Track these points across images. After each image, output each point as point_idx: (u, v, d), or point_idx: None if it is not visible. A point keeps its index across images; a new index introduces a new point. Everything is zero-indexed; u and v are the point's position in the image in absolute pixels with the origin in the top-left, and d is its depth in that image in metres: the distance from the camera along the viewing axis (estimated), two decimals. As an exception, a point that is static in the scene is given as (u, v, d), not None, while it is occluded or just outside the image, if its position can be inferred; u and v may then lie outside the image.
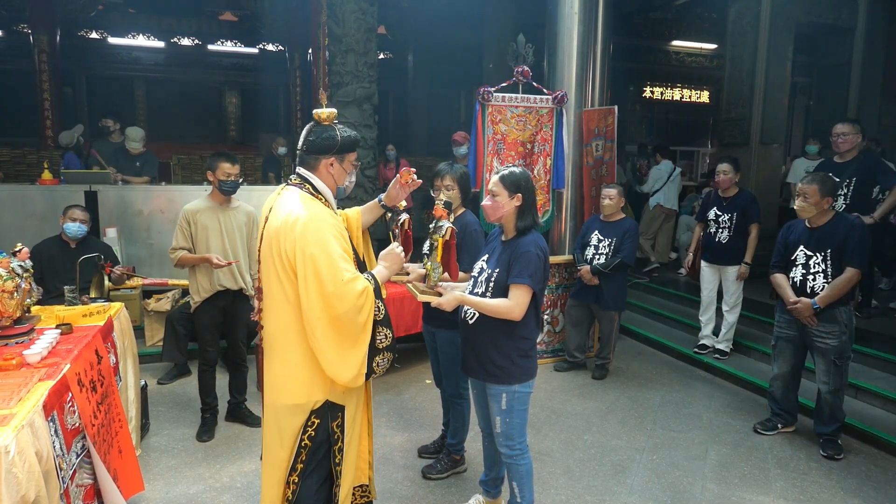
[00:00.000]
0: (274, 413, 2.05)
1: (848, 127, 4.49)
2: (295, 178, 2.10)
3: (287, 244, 1.91)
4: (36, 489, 1.71)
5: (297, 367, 2.00)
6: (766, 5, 6.76)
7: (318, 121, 2.08)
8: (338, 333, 1.93)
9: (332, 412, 2.06)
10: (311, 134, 2.07)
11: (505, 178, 2.41)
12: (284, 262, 1.93)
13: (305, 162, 2.09)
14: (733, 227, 4.59)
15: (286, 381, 2.02)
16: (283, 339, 2.01)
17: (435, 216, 2.59)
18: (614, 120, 4.92)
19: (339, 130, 2.08)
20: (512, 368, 2.41)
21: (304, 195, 2.02)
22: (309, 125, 2.10)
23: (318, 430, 2.04)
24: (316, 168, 2.08)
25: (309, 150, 2.07)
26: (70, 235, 4.04)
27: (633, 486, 3.13)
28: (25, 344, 2.39)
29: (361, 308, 1.93)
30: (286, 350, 2.01)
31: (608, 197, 4.50)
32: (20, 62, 10.79)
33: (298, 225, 1.90)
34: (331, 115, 2.08)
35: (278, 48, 13.38)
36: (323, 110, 2.07)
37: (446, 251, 2.55)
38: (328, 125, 2.08)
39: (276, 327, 2.01)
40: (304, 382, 2.00)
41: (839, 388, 3.42)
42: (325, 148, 2.06)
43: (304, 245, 1.88)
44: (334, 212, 2.11)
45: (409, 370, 4.72)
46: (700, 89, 14.28)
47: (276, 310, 2.00)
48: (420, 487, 3.07)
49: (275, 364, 2.04)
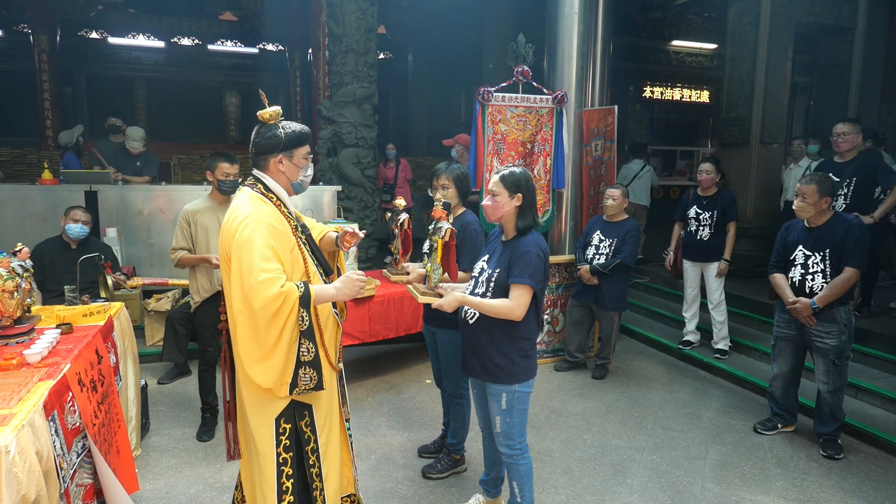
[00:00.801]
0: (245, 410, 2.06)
1: (848, 126, 4.49)
2: (250, 179, 2.13)
3: (227, 243, 1.98)
4: (36, 489, 1.71)
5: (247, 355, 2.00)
6: (766, 5, 6.76)
7: (263, 121, 2.09)
8: (254, 332, 1.92)
9: (299, 411, 2.06)
10: (257, 135, 2.09)
11: (505, 178, 2.41)
12: (226, 260, 2.00)
13: (256, 163, 2.12)
14: (714, 225, 4.69)
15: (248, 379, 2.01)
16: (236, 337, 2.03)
17: (434, 217, 2.59)
18: (614, 120, 4.92)
19: (284, 128, 2.09)
20: (512, 368, 2.41)
21: (252, 195, 2.06)
22: (256, 126, 2.11)
23: (290, 436, 2.05)
24: (266, 167, 2.10)
25: (257, 151, 2.10)
26: (72, 236, 4.04)
27: (633, 485, 3.13)
28: (26, 344, 2.39)
29: (277, 311, 1.89)
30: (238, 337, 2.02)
31: (611, 197, 4.51)
32: (20, 62, 10.80)
33: (235, 224, 1.96)
34: (274, 113, 2.09)
35: (278, 48, 13.39)
36: (266, 110, 2.08)
37: (446, 252, 2.55)
38: (273, 124, 2.10)
39: (233, 327, 2.02)
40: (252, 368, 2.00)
41: (839, 388, 3.43)
42: (271, 147, 2.08)
43: (237, 243, 1.93)
44: (288, 210, 2.12)
45: (409, 370, 4.72)
46: (700, 89, 14.28)
47: (233, 308, 2.00)
48: (420, 487, 3.07)
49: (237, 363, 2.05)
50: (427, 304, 2.70)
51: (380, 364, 4.84)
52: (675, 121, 14.44)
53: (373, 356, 5.01)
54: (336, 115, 7.24)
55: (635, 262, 4.59)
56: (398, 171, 8.40)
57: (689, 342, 5.12)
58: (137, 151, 6.10)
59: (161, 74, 13.23)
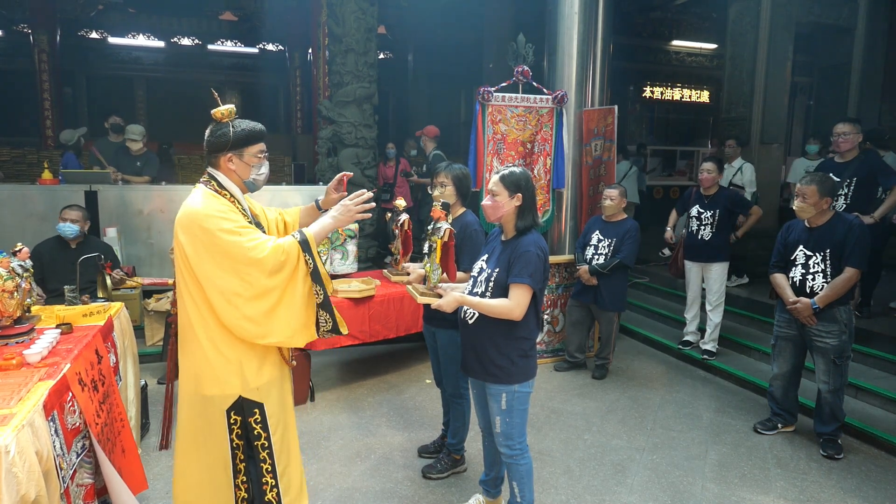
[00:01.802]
0: (198, 403, 2.09)
1: (849, 126, 4.49)
2: (204, 176, 2.14)
3: (183, 237, 2.00)
4: (36, 489, 1.71)
5: (205, 359, 2.06)
6: (766, 5, 6.76)
7: (216, 119, 2.11)
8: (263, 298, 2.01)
9: (248, 408, 2.10)
10: (210, 133, 2.11)
11: (505, 178, 2.41)
12: (181, 255, 2.02)
13: (209, 160, 2.14)
14: (716, 224, 4.66)
15: (200, 371, 2.07)
16: (190, 332, 2.08)
17: (433, 217, 2.59)
18: (614, 120, 4.92)
19: (234, 126, 2.10)
20: (512, 368, 2.41)
21: (206, 191, 2.08)
22: (211, 125, 2.13)
23: (242, 427, 2.11)
24: (217, 165, 2.13)
25: (208, 149, 2.12)
26: (63, 235, 4.05)
27: (633, 485, 3.13)
28: (25, 344, 2.39)
29: (285, 267, 2.02)
30: (195, 343, 2.07)
31: (609, 197, 4.50)
32: (20, 62, 10.80)
33: (190, 215, 2.00)
34: (227, 112, 2.11)
35: (278, 48, 13.40)
36: (219, 108, 2.10)
37: (445, 252, 2.55)
38: (224, 122, 2.11)
39: (184, 321, 2.09)
40: (216, 374, 2.07)
41: (839, 388, 3.43)
42: (221, 145, 2.10)
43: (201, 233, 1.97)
44: (243, 207, 2.15)
45: (409, 370, 4.72)
46: (700, 89, 14.28)
47: (183, 305, 2.07)
48: (420, 487, 3.07)
49: (186, 356, 2.11)
50: (427, 304, 2.71)
51: (380, 364, 4.84)
52: (676, 121, 14.44)
53: (373, 356, 5.01)
54: (336, 115, 7.24)
55: (634, 263, 4.58)
56: (398, 170, 8.40)
57: (688, 342, 5.12)
58: (138, 150, 6.10)
59: (161, 74, 13.23)
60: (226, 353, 2.05)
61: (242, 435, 2.11)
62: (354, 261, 4.70)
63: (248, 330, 2.02)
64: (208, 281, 1.99)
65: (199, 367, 2.07)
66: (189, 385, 2.11)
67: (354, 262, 4.71)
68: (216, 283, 1.98)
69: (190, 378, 2.11)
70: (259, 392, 2.11)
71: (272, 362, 2.16)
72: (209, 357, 2.05)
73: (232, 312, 2.00)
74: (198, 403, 2.09)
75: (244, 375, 2.08)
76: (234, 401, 2.08)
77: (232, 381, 2.07)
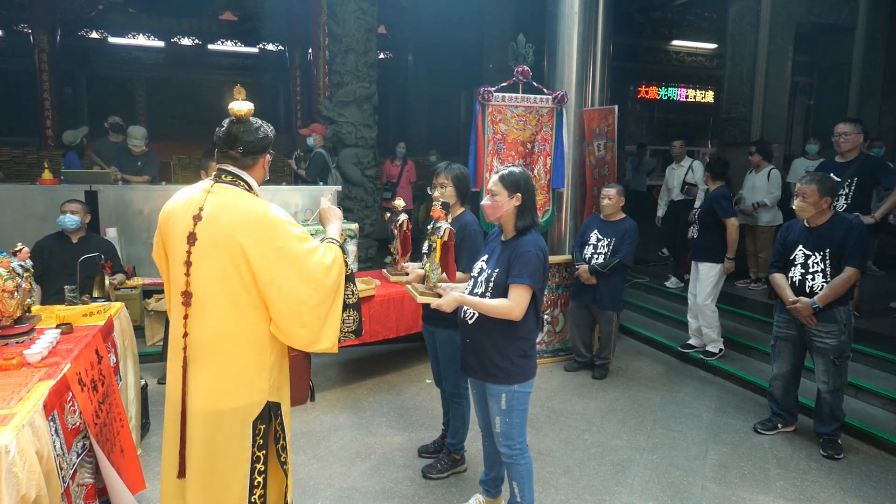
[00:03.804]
0: (213, 420, 1.95)
1: (849, 126, 4.49)
2: (227, 177, 1.99)
3: (250, 243, 1.88)
4: (36, 489, 1.71)
5: (242, 370, 1.96)
6: (766, 5, 6.77)
7: (241, 118, 1.98)
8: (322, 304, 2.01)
9: (274, 412, 2.04)
10: (246, 132, 1.98)
11: (504, 178, 2.41)
12: (236, 261, 1.89)
13: (242, 162, 2.00)
14: (700, 223, 4.74)
15: (230, 385, 1.95)
16: (228, 343, 1.94)
17: (433, 217, 2.59)
18: (615, 120, 4.92)
19: (268, 126, 2.06)
20: (511, 368, 2.41)
21: (247, 194, 1.98)
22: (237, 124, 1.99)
23: (265, 436, 2.02)
24: (253, 167, 2.03)
25: (247, 150, 1.99)
26: (64, 227, 4.05)
27: (633, 485, 3.13)
28: (26, 344, 2.39)
29: (340, 272, 2.07)
30: (229, 354, 1.94)
31: (607, 197, 4.51)
32: (20, 62, 10.79)
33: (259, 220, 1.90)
34: (251, 111, 1.99)
35: (278, 48, 13.39)
36: (244, 106, 1.97)
37: (444, 252, 2.55)
38: (255, 121, 2.01)
39: (214, 332, 1.93)
40: (252, 384, 1.97)
41: (839, 388, 3.43)
42: (265, 146, 2.03)
43: (265, 238, 1.89)
44: None
45: (409, 370, 4.72)
46: (700, 89, 14.29)
47: (218, 314, 1.92)
48: (420, 487, 3.07)
49: (212, 370, 1.94)
50: (426, 304, 2.71)
51: (380, 364, 4.84)
52: (676, 120, 14.44)
53: (373, 356, 5.01)
54: (336, 115, 7.24)
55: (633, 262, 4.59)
56: (403, 170, 8.41)
57: (691, 346, 5.09)
58: (139, 150, 6.10)
59: (161, 74, 13.22)
60: (262, 359, 1.98)
61: (264, 445, 2.01)
62: (354, 261, 4.70)
63: (301, 337, 1.98)
64: (272, 287, 1.90)
65: (224, 380, 1.94)
66: (203, 403, 1.95)
67: (354, 262, 4.71)
68: (282, 290, 1.91)
69: (205, 395, 1.95)
70: (279, 392, 2.07)
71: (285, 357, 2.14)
72: (242, 366, 1.96)
73: (291, 320, 1.94)
74: (214, 421, 1.95)
75: (271, 379, 2.01)
76: (261, 409, 1.99)
77: (262, 387, 1.98)
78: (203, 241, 1.91)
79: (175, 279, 1.98)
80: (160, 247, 2.07)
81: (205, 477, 1.98)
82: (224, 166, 2.00)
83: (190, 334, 1.95)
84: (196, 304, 1.94)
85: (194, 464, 1.98)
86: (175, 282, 1.98)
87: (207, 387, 1.95)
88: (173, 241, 1.98)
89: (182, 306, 1.95)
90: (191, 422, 1.97)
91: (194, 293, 1.93)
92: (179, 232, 1.95)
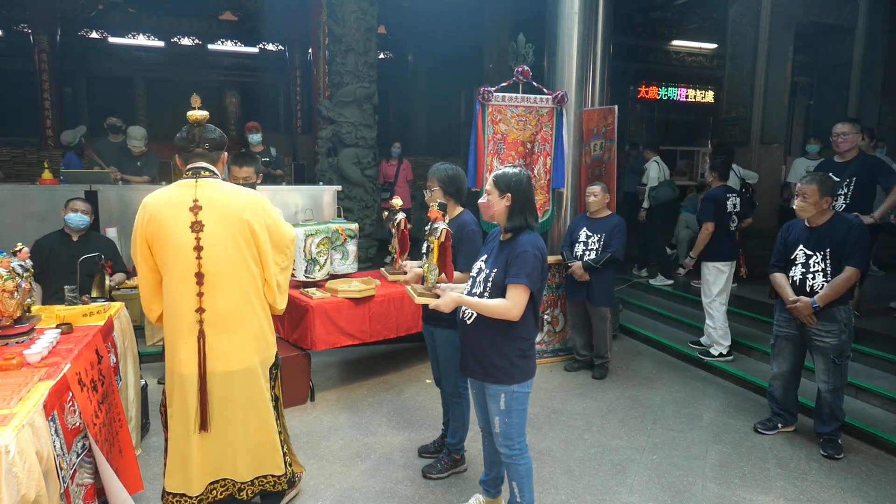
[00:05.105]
0: (242, 378, 2.38)
1: (848, 126, 4.49)
2: (206, 172, 2.35)
3: (256, 219, 2.34)
4: (36, 489, 1.71)
5: (261, 329, 2.44)
6: (766, 5, 6.77)
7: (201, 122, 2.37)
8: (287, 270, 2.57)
9: (277, 360, 2.60)
10: (210, 132, 2.38)
11: (497, 179, 2.45)
12: (247, 237, 2.33)
13: (209, 157, 2.38)
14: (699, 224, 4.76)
15: (255, 343, 2.41)
16: (248, 309, 2.38)
17: (430, 218, 2.59)
18: (614, 120, 4.92)
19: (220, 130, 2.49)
20: (510, 369, 2.41)
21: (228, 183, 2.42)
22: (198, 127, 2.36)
23: (275, 378, 2.58)
24: (217, 162, 2.42)
25: (212, 146, 2.38)
26: (72, 226, 4.05)
27: (633, 485, 3.13)
28: (26, 344, 2.39)
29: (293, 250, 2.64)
30: (252, 319, 2.40)
31: (592, 194, 4.56)
32: (20, 62, 10.79)
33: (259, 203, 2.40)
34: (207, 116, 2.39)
35: (278, 48, 13.39)
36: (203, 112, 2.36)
37: (442, 253, 2.55)
38: (213, 126, 2.42)
39: (238, 301, 2.35)
40: (267, 340, 2.49)
41: (839, 388, 3.43)
42: (223, 144, 2.45)
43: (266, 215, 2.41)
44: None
45: (409, 370, 4.72)
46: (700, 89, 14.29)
47: (236, 286, 2.34)
48: (420, 487, 3.07)
49: (235, 335, 2.36)
50: (425, 305, 2.71)
51: (380, 364, 4.84)
52: (676, 120, 14.44)
53: (373, 356, 5.01)
54: (336, 115, 7.24)
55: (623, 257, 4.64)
56: (399, 169, 8.41)
57: (699, 343, 5.12)
58: (139, 151, 6.09)
59: (161, 74, 13.21)
60: (270, 318, 2.50)
61: (275, 384, 2.56)
62: (354, 261, 4.70)
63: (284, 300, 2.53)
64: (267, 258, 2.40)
65: (247, 342, 2.38)
66: (226, 365, 2.34)
67: (354, 262, 4.70)
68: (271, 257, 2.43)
69: (230, 359, 2.34)
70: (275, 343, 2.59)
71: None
72: (263, 327, 2.44)
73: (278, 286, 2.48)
74: (241, 378, 2.37)
75: (274, 333, 2.56)
76: (275, 359, 2.54)
77: (272, 340, 2.52)
78: (211, 226, 2.26)
79: (180, 265, 2.27)
80: (143, 245, 2.33)
81: (233, 425, 2.40)
82: (196, 164, 2.35)
83: (207, 309, 2.30)
84: (210, 282, 2.29)
85: (218, 417, 2.37)
86: (180, 268, 2.28)
87: (234, 349, 2.35)
88: (171, 235, 2.26)
89: (196, 286, 2.28)
90: (215, 383, 2.34)
91: (206, 273, 2.28)
92: (179, 225, 2.25)
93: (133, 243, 2.37)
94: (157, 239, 2.28)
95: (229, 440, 2.41)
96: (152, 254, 2.33)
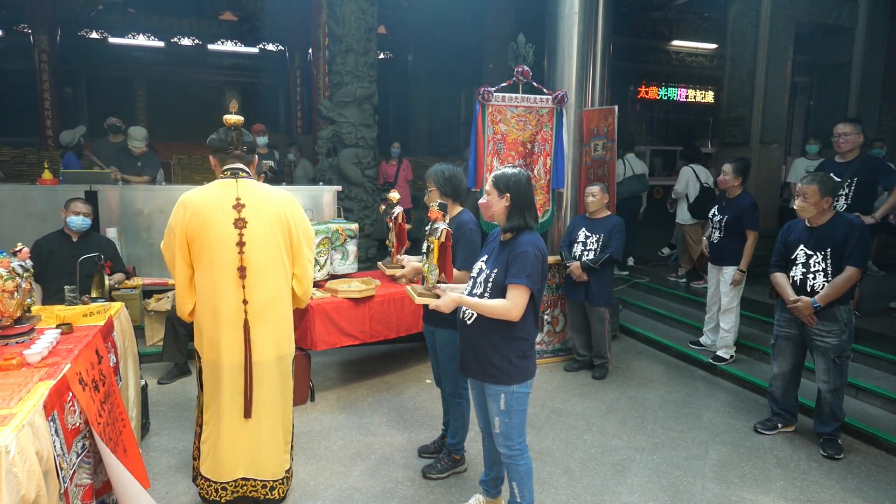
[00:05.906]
0: (275, 366, 2.57)
1: (849, 127, 4.49)
2: (242, 173, 2.51)
3: (293, 218, 2.56)
4: (36, 489, 1.71)
5: (289, 321, 2.63)
6: (766, 5, 6.76)
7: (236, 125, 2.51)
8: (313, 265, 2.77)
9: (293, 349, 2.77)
10: (247, 135, 2.54)
11: (496, 179, 2.45)
12: (286, 234, 2.53)
13: (244, 159, 2.55)
14: (723, 229, 4.58)
15: (287, 333, 2.62)
16: (281, 301, 2.56)
17: (430, 218, 2.60)
18: (614, 120, 4.92)
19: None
20: (510, 369, 2.41)
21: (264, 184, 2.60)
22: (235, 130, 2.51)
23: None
24: (251, 164, 2.59)
25: (249, 149, 2.55)
26: (73, 228, 4.05)
27: (633, 485, 3.13)
28: (26, 344, 2.38)
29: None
30: (284, 310, 2.59)
31: (591, 194, 4.56)
32: (20, 62, 10.80)
33: (295, 203, 2.62)
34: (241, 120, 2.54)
35: (278, 48, 13.40)
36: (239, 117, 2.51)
37: (442, 253, 2.56)
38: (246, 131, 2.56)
39: (274, 293, 2.53)
40: (291, 333, 2.67)
41: (839, 388, 3.43)
42: (255, 148, 2.61)
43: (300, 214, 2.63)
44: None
45: (409, 370, 4.72)
46: (700, 89, 14.30)
47: (273, 280, 2.51)
48: (420, 487, 3.07)
49: (273, 325, 2.54)
50: (425, 305, 2.71)
51: (380, 364, 4.84)
52: (676, 120, 14.45)
53: (373, 356, 5.01)
54: (336, 115, 7.24)
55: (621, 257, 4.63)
56: (399, 169, 8.43)
57: (699, 344, 5.10)
58: (139, 151, 6.09)
59: (161, 74, 13.22)
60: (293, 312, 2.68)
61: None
62: (354, 261, 4.70)
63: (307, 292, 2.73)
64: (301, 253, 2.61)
65: (282, 331, 2.57)
66: (266, 355, 2.52)
67: (354, 262, 4.71)
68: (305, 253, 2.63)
69: (270, 345, 2.53)
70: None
71: None
72: (288, 319, 2.62)
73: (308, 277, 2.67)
74: (275, 367, 2.56)
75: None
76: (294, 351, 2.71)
77: (293, 334, 2.70)
78: (255, 223, 2.44)
79: (224, 260, 2.43)
80: (183, 240, 2.44)
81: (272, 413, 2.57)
82: (234, 165, 2.50)
83: (250, 301, 2.46)
84: (252, 275, 2.45)
85: (261, 403, 2.53)
86: (222, 262, 2.43)
87: (272, 339, 2.53)
88: (214, 231, 2.41)
89: (239, 279, 2.45)
90: (257, 371, 2.50)
91: (249, 266, 2.44)
92: (223, 221, 2.41)
93: (169, 239, 2.49)
94: (199, 234, 2.41)
95: (258, 430, 2.57)
96: (190, 250, 2.46)
